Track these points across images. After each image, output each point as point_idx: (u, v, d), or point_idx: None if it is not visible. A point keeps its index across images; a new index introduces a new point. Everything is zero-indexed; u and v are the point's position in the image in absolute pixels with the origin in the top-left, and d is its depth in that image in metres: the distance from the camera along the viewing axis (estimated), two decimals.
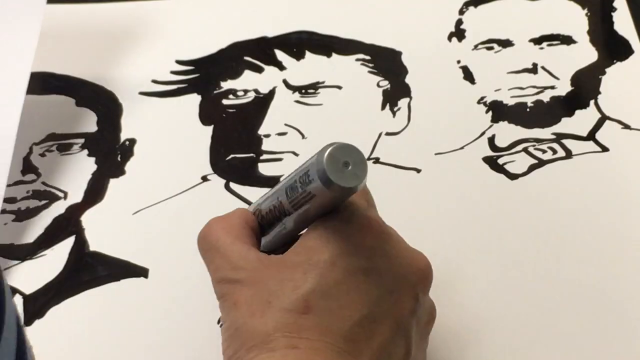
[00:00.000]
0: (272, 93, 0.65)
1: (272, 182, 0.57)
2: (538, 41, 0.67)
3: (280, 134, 0.62)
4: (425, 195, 0.58)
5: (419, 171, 0.59)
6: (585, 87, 0.64)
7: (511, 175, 0.58)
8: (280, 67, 0.67)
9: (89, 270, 0.55)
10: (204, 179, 0.60)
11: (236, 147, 0.62)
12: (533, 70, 0.65)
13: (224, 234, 0.42)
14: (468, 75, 0.66)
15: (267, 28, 0.71)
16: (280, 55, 0.68)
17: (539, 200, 0.57)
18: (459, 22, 0.70)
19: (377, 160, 0.60)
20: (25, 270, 0.55)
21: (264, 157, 0.61)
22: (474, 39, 0.68)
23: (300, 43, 0.69)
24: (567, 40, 0.68)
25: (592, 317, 0.50)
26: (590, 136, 0.60)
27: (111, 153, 0.62)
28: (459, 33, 0.69)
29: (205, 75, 0.68)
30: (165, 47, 0.70)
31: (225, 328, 0.40)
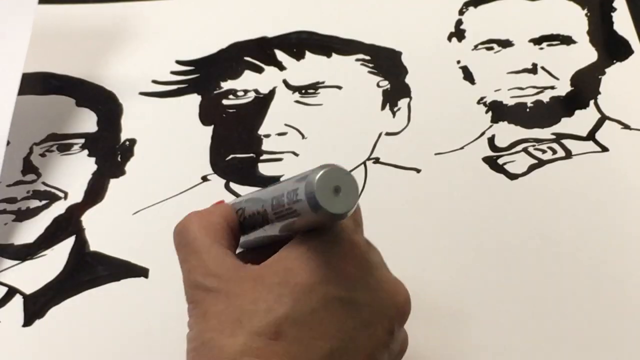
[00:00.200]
0: (272, 93, 0.65)
1: (272, 182, 0.57)
2: (538, 41, 0.67)
3: (280, 134, 0.62)
4: (425, 195, 0.58)
5: (419, 171, 0.59)
6: (585, 87, 0.64)
7: (511, 176, 0.58)
8: (280, 67, 0.67)
9: (89, 270, 0.55)
10: (204, 179, 0.60)
11: (236, 147, 0.62)
12: (533, 70, 0.65)
13: (203, 233, 0.41)
14: (468, 75, 0.66)
15: (267, 28, 0.71)
16: (280, 55, 0.68)
17: (539, 200, 0.57)
18: (459, 23, 0.70)
19: (377, 160, 0.60)
20: (25, 270, 0.55)
21: (264, 157, 0.61)
22: (473, 39, 0.68)
23: (300, 43, 0.69)
24: (567, 40, 0.68)
25: (592, 317, 0.50)
26: (590, 136, 0.60)
27: (111, 153, 0.63)
28: (458, 33, 0.69)
29: (205, 75, 0.68)
30: (165, 47, 0.70)
31: (192, 337, 0.39)
